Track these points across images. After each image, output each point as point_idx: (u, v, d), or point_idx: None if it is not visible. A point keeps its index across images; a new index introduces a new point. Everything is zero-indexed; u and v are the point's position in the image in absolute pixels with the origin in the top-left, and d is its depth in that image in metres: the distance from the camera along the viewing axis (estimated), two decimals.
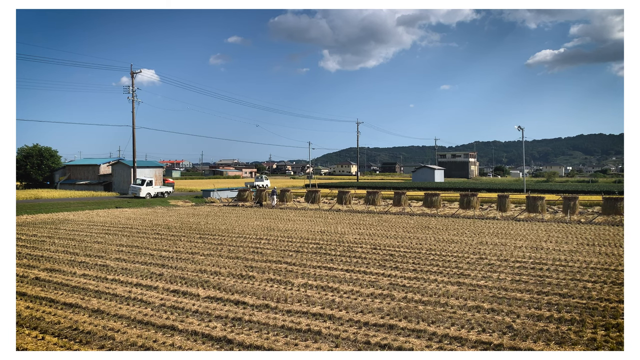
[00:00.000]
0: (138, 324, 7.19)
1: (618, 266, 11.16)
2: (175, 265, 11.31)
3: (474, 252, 13.09)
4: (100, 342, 6.47)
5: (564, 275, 10.24)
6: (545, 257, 12.32)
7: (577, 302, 8.23)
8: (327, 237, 15.96)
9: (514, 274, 10.35)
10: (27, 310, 7.88)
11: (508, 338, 6.56)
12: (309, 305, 8.04)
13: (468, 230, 18.02)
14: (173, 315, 7.58)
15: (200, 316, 7.53)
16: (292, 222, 21.08)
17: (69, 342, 6.45)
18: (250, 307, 7.99)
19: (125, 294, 8.78)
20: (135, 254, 12.85)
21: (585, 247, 13.86)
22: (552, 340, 6.50)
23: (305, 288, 9.17)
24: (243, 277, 10.14)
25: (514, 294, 8.74)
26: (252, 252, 13.17)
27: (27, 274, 10.56)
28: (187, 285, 9.44)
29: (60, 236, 16.52)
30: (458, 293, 8.76)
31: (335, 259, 12.07)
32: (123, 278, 10.03)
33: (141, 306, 8.08)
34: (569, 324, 7.16)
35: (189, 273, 10.50)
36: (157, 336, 6.65)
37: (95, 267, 11.29)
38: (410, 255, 12.65)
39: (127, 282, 9.75)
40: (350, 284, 9.51)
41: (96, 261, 11.93)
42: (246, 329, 6.94)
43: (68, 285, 9.55)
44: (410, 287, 9.23)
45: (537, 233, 17.00)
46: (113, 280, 9.91)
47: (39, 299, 8.59)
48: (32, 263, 11.75)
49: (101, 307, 8.02)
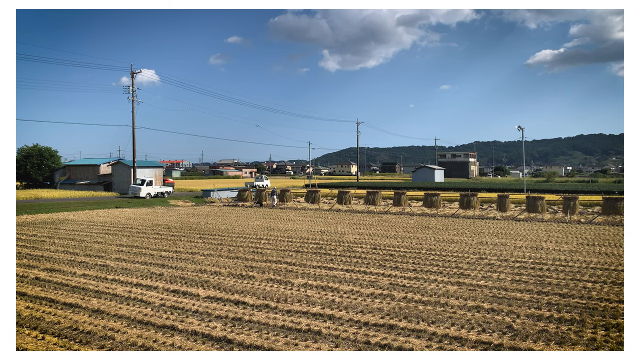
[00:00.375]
0: (138, 324, 7.20)
1: (618, 266, 11.16)
2: (175, 265, 11.32)
3: (474, 252, 13.09)
4: (101, 342, 6.48)
5: (564, 275, 10.24)
6: (545, 257, 12.32)
7: (577, 302, 8.23)
8: (327, 237, 15.97)
9: (514, 274, 10.36)
10: (27, 310, 7.88)
11: (508, 338, 6.56)
12: (309, 305, 8.04)
13: (468, 230, 18.02)
14: (173, 315, 7.58)
15: (200, 316, 7.53)
16: (292, 222, 21.08)
17: (69, 342, 6.45)
18: (250, 307, 7.99)
19: (125, 294, 8.78)
20: (135, 254, 12.85)
21: (585, 247, 13.86)
22: (552, 340, 6.50)
23: (305, 288, 9.18)
24: (243, 277, 10.14)
25: (514, 294, 8.74)
26: (252, 252, 13.17)
27: (27, 274, 10.56)
28: (187, 285, 9.44)
29: (60, 236, 16.52)
30: (458, 293, 8.76)
31: (335, 259, 12.08)
32: (123, 278, 10.03)
33: (141, 306, 8.09)
34: (568, 324, 7.16)
35: (189, 273, 10.51)
36: (157, 336, 6.65)
37: (95, 267, 11.29)
38: (410, 255, 12.65)
39: (127, 282, 9.75)
40: (350, 284, 9.51)
41: (96, 261, 11.93)
42: (246, 329, 6.94)
43: (68, 285, 9.55)
44: (410, 287, 9.24)
45: (537, 233, 17.00)
46: (113, 280, 9.91)
47: (39, 298, 8.59)
48: (32, 263, 11.75)
49: (101, 307, 8.02)
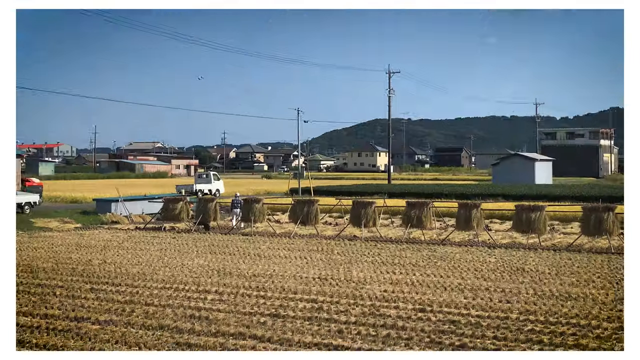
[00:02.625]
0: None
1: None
2: (43, 346, 11.14)
3: (609, 317, 12.92)
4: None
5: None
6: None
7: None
8: (332, 289, 15.96)
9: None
10: None
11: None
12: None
13: (598, 274, 17.87)
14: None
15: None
16: (267, 259, 21.02)
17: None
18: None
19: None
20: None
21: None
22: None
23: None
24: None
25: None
26: (189, 317, 13.09)
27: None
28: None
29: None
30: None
31: (348, 331, 12.02)
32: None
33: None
34: None
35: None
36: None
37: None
38: (488, 323, 12.57)
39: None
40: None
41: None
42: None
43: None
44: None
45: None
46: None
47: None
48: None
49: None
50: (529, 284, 16.65)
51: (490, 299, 14.78)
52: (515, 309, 13.75)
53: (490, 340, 11.39)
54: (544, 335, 11.66)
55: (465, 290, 15.73)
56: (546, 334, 11.80)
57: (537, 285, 16.37)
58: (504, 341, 11.34)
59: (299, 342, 11.28)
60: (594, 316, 13.05)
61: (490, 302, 14.39)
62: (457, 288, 16.07)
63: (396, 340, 11.45)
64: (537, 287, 16.18)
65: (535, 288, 16.01)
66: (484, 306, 14.00)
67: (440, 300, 14.58)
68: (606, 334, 11.68)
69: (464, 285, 16.40)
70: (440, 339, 11.42)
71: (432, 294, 15.35)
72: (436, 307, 13.88)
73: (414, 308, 13.82)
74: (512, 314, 13.31)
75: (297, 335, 11.68)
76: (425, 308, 13.79)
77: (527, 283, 16.73)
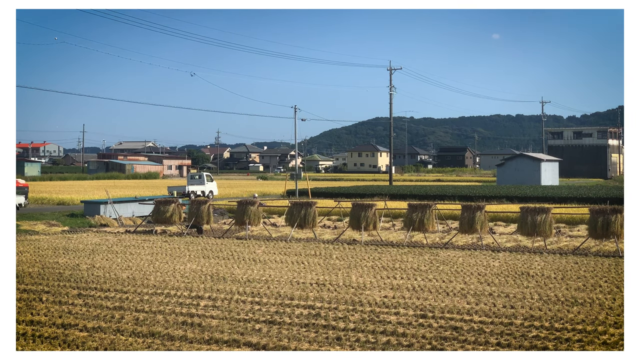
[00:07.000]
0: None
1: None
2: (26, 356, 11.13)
3: (616, 322, 12.98)
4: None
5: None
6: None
7: None
8: (330, 295, 15.97)
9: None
10: None
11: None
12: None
13: (605, 278, 17.93)
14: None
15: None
16: (263, 264, 21.04)
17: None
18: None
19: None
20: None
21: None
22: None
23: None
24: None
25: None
26: (181, 324, 13.11)
27: None
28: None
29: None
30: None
31: (346, 338, 12.04)
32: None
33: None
34: None
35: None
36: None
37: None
38: (491, 330, 12.61)
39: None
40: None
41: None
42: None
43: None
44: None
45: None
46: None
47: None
48: None
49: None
50: (534, 288, 16.69)
51: (494, 304, 14.82)
52: (520, 314, 13.79)
53: (493, 347, 11.47)
54: (549, 342, 11.73)
55: (468, 296, 15.78)
56: (551, 340, 11.87)
57: (542, 290, 16.41)
58: (507, 348, 11.41)
59: (296, 349, 11.31)
60: (600, 322, 13.10)
61: (493, 308, 14.42)
62: (459, 293, 16.12)
63: (396, 347, 11.49)
64: (543, 291, 16.23)
65: (540, 293, 16.07)
66: (487, 312, 14.04)
67: (442, 306, 14.61)
68: (613, 340, 11.76)
69: (466, 290, 16.44)
70: (442, 346, 11.48)
71: (434, 299, 15.39)
72: (438, 313, 13.91)
73: (415, 314, 13.85)
74: (516, 319, 13.35)
75: (294, 342, 11.70)
76: (426, 314, 13.83)
77: (532, 288, 16.78)
